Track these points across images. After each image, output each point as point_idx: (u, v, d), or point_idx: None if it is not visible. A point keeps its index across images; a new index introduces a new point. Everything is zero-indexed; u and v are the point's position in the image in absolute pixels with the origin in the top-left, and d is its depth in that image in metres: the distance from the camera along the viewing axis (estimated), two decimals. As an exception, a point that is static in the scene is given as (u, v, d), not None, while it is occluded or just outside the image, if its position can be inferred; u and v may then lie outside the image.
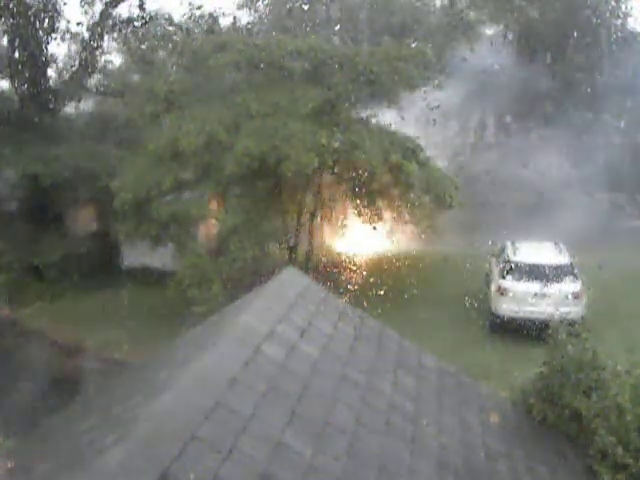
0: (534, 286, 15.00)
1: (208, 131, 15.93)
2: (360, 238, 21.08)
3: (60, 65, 24.72)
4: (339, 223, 20.85)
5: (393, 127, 18.41)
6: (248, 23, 27.64)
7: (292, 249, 18.67)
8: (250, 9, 29.54)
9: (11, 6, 20.13)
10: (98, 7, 22.46)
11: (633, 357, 5.54)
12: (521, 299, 14.97)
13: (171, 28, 23.67)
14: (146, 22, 23.07)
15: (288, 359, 3.93)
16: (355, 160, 16.37)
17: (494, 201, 23.73)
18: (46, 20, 21.44)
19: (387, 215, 19.04)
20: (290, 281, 5.28)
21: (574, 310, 14.01)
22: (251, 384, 3.46)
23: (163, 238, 17.27)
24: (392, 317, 12.43)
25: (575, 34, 25.53)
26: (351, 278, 18.14)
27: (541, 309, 14.51)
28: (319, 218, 20.22)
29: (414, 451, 3.87)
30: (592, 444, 4.92)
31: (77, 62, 22.96)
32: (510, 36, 28.36)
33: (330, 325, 4.79)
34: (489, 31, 30.04)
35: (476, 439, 4.54)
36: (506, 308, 15.16)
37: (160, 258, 19.15)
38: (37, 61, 21.29)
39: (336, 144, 16.03)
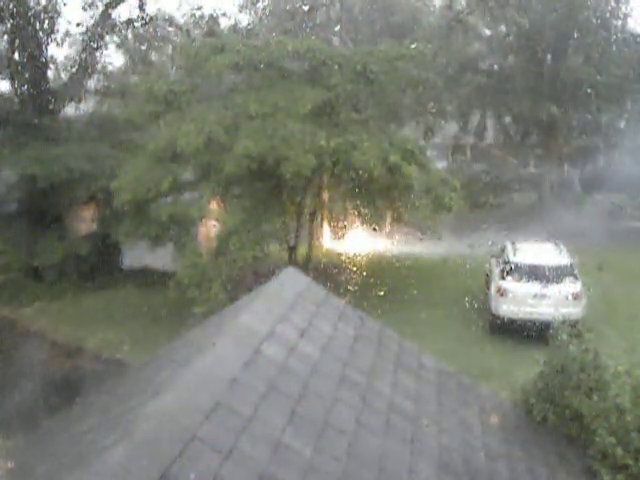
0: (534, 287, 14.97)
1: (207, 132, 15.92)
2: (360, 239, 21.10)
3: (60, 66, 24.76)
4: (339, 224, 20.85)
5: (393, 128, 18.42)
6: (248, 24, 27.68)
7: (292, 249, 18.66)
8: (250, 10, 29.57)
9: (11, 7, 20.14)
10: (98, 8, 22.49)
11: (633, 358, 5.54)
12: (521, 300, 14.94)
13: (171, 29, 23.73)
14: (146, 23, 23.10)
15: (288, 359, 3.93)
16: (354, 161, 16.35)
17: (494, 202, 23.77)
18: (46, 21, 21.45)
19: (387, 216, 19.05)
20: (290, 281, 5.27)
21: (574, 311, 14.00)
22: (251, 384, 3.45)
23: (163, 238, 17.27)
24: (392, 317, 12.47)
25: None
26: (351, 279, 18.13)
27: (541, 310, 14.51)
28: (319, 218, 20.22)
29: (414, 451, 3.86)
30: (592, 444, 4.92)
31: (77, 63, 22.98)
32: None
33: (330, 325, 4.79)
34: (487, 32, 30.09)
35: (476, 439, 4.54)
36: (506, 309, 15.12)
37: (160, 258, 19.14)
38: (37, 62, 21.30)
39: (334, 145, 16.01)
